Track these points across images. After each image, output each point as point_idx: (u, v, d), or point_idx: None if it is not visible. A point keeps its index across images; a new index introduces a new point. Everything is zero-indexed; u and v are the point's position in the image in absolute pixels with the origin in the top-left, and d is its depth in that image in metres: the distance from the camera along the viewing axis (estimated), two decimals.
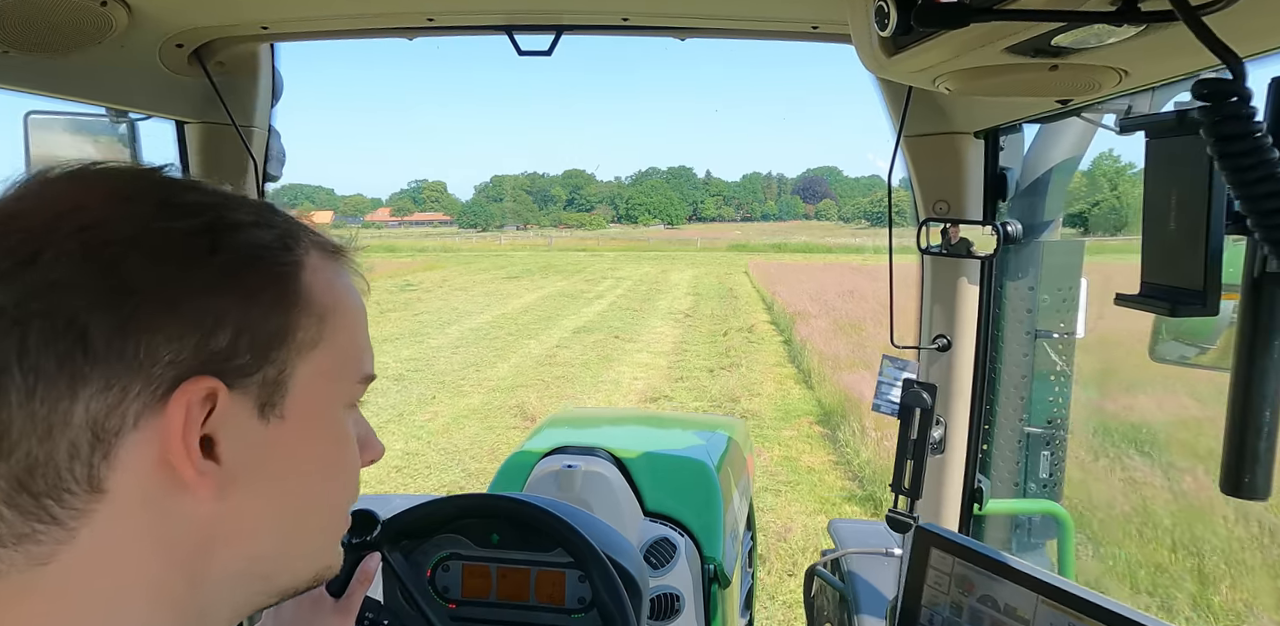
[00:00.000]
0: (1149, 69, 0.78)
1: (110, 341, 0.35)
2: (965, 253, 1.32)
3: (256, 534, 0.41)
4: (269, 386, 0.39)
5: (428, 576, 1.24)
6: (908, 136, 1.31)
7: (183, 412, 0.36)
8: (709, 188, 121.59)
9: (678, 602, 1.76)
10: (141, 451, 0.36)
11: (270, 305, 0.39)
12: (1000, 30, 0.64)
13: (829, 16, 1.07)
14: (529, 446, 2.23)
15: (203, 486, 0.37)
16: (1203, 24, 0.46)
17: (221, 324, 0.37)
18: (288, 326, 0.40)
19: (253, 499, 0.40)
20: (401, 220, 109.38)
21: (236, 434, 0.38)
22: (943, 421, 1.43)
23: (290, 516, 0.43)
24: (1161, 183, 0.55)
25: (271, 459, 0.41)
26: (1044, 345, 1.60)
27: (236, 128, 1.29)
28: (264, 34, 1.18)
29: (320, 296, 0.42)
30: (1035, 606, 0.93)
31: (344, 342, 0.44)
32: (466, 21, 1.15)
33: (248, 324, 0.38)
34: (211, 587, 0.40)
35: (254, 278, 0.39)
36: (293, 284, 0.41)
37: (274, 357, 0.39)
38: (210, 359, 0.37)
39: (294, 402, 0.41)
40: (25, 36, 0.91)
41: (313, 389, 0.42)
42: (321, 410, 0.43)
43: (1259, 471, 0.48)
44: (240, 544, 0.41)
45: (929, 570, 1.08)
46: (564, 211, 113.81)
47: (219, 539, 0.40)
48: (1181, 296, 0.54)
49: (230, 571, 0.41)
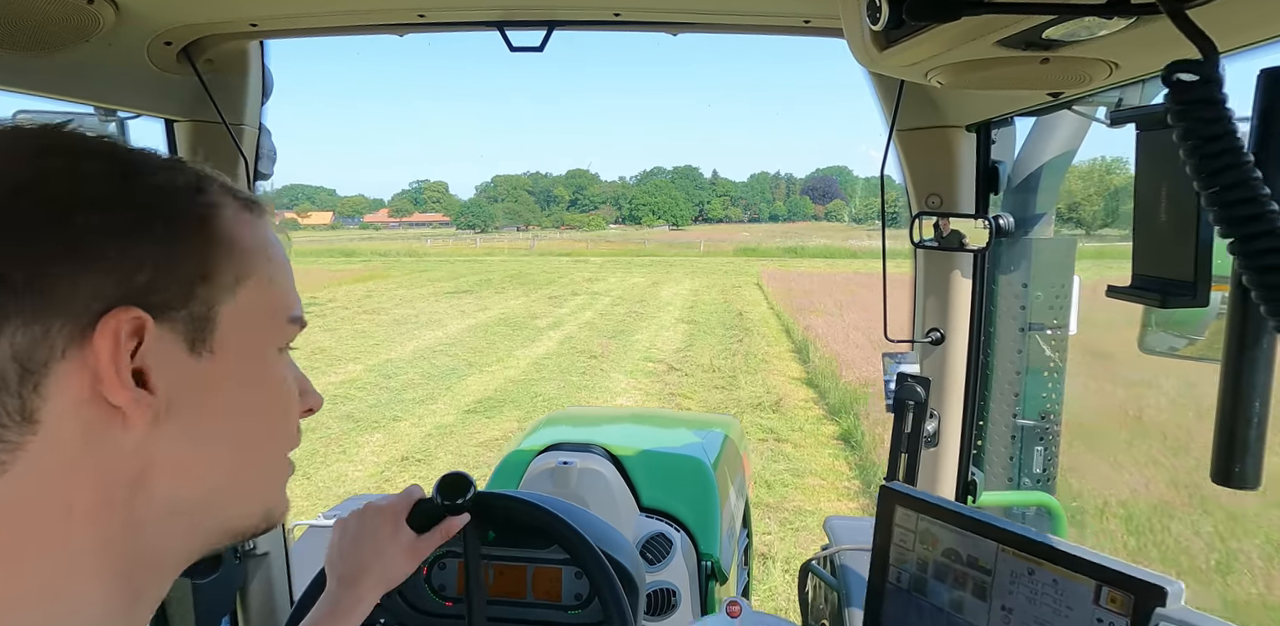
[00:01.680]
0: (1139, 61, 0.78)
1: (30, 281, 0.36)
2: (958, 246, 1.32)
3: (194, 467, 0.42)
4: (196, 322, 0.41)
5: (424, 574, 1.24)
6: (900, 130, 1.31)
7: (110, 341, 0.37)
8: (715, 188, 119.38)
9: (674, 598, 1.76)
10: (71, 381, 0.37)
11: (190, 244, 0.41)
12: (991, 23, 0.64)
13: (821, 10, 1.07)
14: (525, 443, 2.23)
15: (136, 415, 0.38)
16: (1183, 14, 0.46)
17: (142, 262, 0.39)
18: (209, 265, 0.41)
19: (188, 431, 0.41)
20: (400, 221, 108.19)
21: (167, 366, 0.40)
22: (936, 414, 1.43)
23: (227, 452, 0.44)
24: (1152, 175, 0.56)
25: (204, 393, 0.42)
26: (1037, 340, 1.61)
27: (226, 126, 1.28)
28: (253, 31, 1.17)
29: (240, 239, 0.43)
30: (996, 555, 0.95)
31: (267, 284, 0.45)
32: (457, 17, 1.15)
33: (169, 262, 0.40)
34: (151, 525, 0.41)
35: (171, 217, 0.41)
36: (210, 225, 0.42)
37: (198, 294, 0.41)
38: (134, 293, 0.38)
39: (223, 339, 0.42)
40: (12, 35, 0.90)
41: (240, 326, 0.43)
42: (252, 348, 0.44)
43: (1249, 461, 0.48)
44: (177, 478, 0.41)
45: (894, 529, 1.10)
46: (567, 212, 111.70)
47: (155, 472, 0.40)
48: (1172, 288, 0.54)
49: (168, 507, 0.41)
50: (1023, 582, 0.92)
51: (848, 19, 0.76)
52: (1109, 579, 0.83)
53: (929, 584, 1.04)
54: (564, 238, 72.01)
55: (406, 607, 1.23)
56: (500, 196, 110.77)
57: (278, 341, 0.47)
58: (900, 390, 1.27)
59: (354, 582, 0.90)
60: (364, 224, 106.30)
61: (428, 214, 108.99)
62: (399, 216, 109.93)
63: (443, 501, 1.01)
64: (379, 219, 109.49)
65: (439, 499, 1.02)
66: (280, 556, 1.61)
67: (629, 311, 17.01)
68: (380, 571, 0.92)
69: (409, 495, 1.00)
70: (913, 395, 1.25)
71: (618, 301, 19.12)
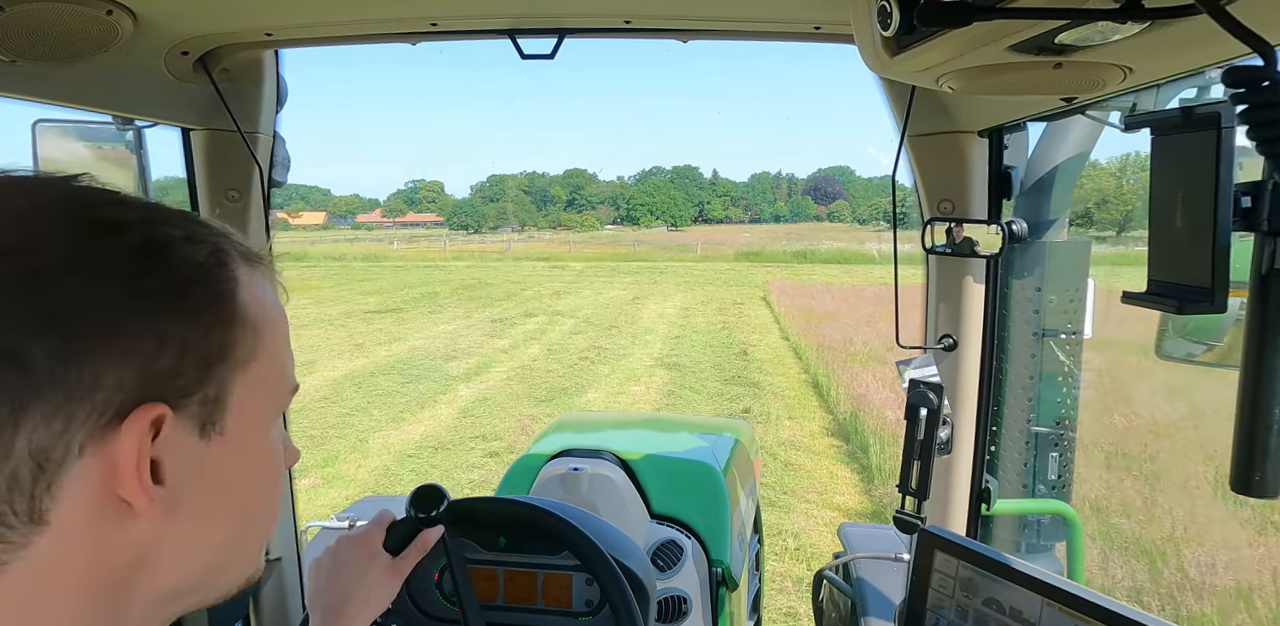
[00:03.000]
0: (1153, 66, 0.78)
1: (52, 369, 0.33)
2: (970, 252, 1.32)
3: (195, 549, 0.41)
4: (209, 404, 0.39)
5: (435, 579, 1.24)
6: (911, 136, 1.31)
7: (135, 440, 0.35)
8: (716, 188, 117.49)
9: (685, 605, 1.75)
10: (87, 480, 0.35)
11: (210, 324, 0.39)
12: (1003, 29, 0.64)
13: (831, 17, 1.07)
14: (535, 449, 2.23)
15: (147, 509, 0.37)
16: (1227, 13, 0.45)
17: (164, 345, 0.36)
18: (226, 343, 0.40)
19: (192, 516, 0.40)
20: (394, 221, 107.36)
21: (179, 455, 0.38)
22: (949, 421, 1.42)
23: (229, 528, 0.43)
24: (1168, 180, 0.55)
25: (211, 475, 0.40)
26: (1051, 345, 1.59)
27: (242, 134, 1.30)
28: (268, 41, 1.18)
29: (254, 311, 0.41)
30: (1040, 609, 0.93)
31: (274, 355, 0.44)
32: (469, 26, 1.16)
33: (190, 344, 0.38)
34: (142, 604, 0.40)
35: (194, 296, 0.38)
36: (230, 301, 0.40)
37: (215, 375, 0.39)
38: (155, 381, 0.36)
39: (232, 418, 0.41)
40: (32, 45, 0.92)
41: (248, 403, 0.41)
42: (256, 423, 0.43)
43: (1269, 469, 0.48)
44: (178, 561, 0.40)
45: (934, 573, 1.08)
46: (564, 212, 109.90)
47: (156, 559, 0.39)
48: (1189, 294, 0.53)
49: (164, 588, 0.40)
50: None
51: (858, 25, 0.76)
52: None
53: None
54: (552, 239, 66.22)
55: (417, 612, 1.23)
56: (496, 196, 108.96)
57: (277, 411, 0.46)
58: (913, 396, 1.26)
59: (339, 614, 0.89)
60: (356, 224, 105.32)
61: (423, 214, 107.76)
62: (392, 216, 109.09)
63: (416, 514, 1.01)
64: (372, 219, 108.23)
65: (413, 512, 1.02)
66: (293, 560, 1.62)
67: (590, 345, 12.18)
68: (363, 598, 0.91)
69: (380, 520, 0.99)
70: (926, 402, 1.24)
71: (581, 327, 14.25)
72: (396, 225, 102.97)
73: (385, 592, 0.93)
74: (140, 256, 0.37)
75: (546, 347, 12.17)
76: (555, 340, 12.95)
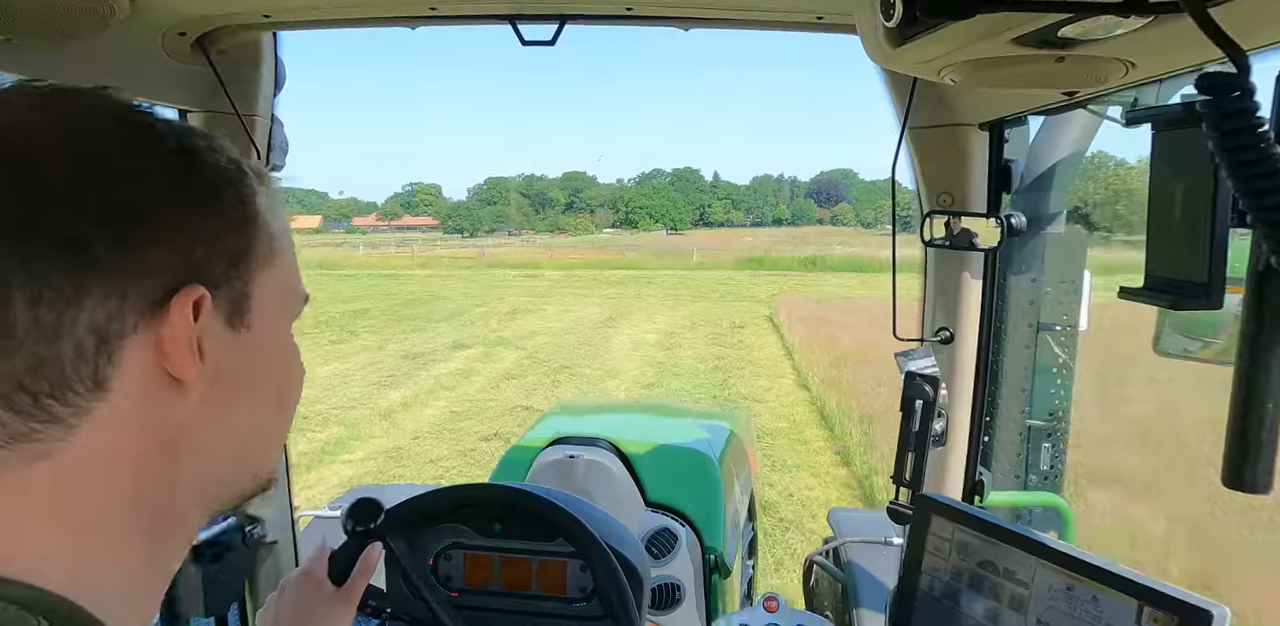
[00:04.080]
0: (1156, 61, 0.78)
1: (108, 255, 0.37)
2: (968, 245, 1.32)
3: (228, 436, 0.45)
4: (236, 298, 0.43)
5: (430, 565, 1.25)
6: (912, 128, 1.31)
7: (184, 317, 0.39)
8: (717, 191, 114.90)
9: (679, 592, 1.77)
10: (141, 353, 0.39)
11: (235, 224, 0.43)
12: (1007, 21, 0.64)
13: (834, 7, 1.07)
14: (531, 436, 2.24)
15: (193, 385, 0.41)
16: (1208, 16, 0.45)
17: (199, 239, 0.41)
18: (249, 244, 0.44)
19: (229, 400, 0.44)
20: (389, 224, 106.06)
21: (215, 340, 0.42)
22: (944, 413, 1.43)
23: (250, 424, 0.47)
24: (1167, 175, 0.55)
25: (241, 365, 0.44)
26: (1046, 338, 1.60)
27: (239, 117, 1.29)
28: (266, 22, 1.17)
29: (269, 218, 0.46)
30: (1034, 568, 0.95)
31: (287, 263, 0.48)
32: (469, 10, 1.15)
33: (219, 239, 0.42)
34: (186, 488, 0.43)
35: (224, 198, 0.43)
36: (250, 205, 0.44)
37: (240, 271, 0.43)
38: (194, 269, 0.40)
39: (256, 315, 0.45)
40: (28, 24, 0.91)
41: (268, 303, 0.45)
42: (276, 323, 0.47)
43: (1261, 465, 0.48)
44: (214, 445, 0.44)
45: (929, 536, 1.09)
46: (562, 215, 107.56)
47: (199, 437, 0.43)
48: (1186, 289, 0.54)
49: (202, 473, 0.44)
50: (1061, 598, 0.91)
51: (861, 16, 0.75)
52: (1153, 600, 0.82)
53: (962, 593, 1.04)
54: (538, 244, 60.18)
55: (414, 598, 1.24)
56: (493, 199, 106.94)
57: (293, 316, 0.50)
58: (909, 388, 1.27)
59: None
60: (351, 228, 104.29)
61: (419, 217, 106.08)
62: (387, 220, 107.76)
63: (355, 528, 1.00)
64: (368, 223, 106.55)
65: (350, 525, 1.01)
66: (289, 544, 1.63)
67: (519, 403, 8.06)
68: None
69: (318, 555, 0.99)
70: (921, 394, 1.24)
71: (523, 367, 10.18)
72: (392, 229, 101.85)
73: (340, 621, 0.93)
74: (179, 158, 0.42)
75: (451, 407, 8.05)
76: (474, 392, 8.72)
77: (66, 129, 0.39)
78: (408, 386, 9.03)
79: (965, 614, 1.03)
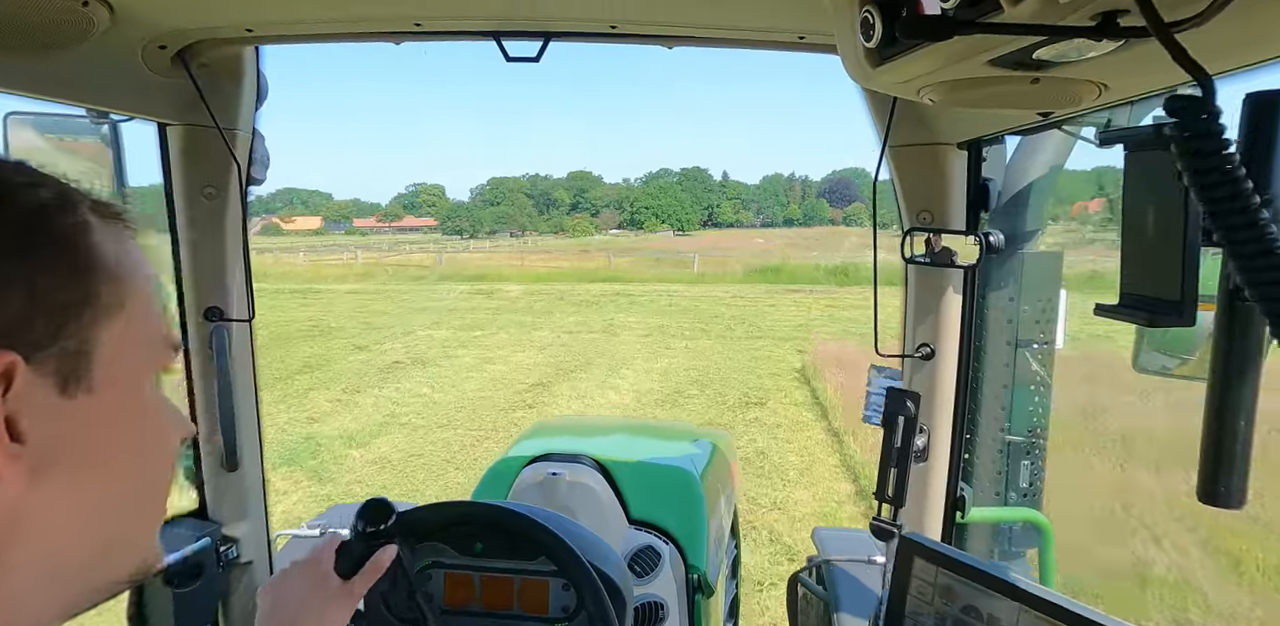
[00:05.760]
0: (1128, 83, 0.79)
1: None
2: (948, 262, 1.33)
3: (70, 522, 0.38)
4: (70, 358, 0.37)
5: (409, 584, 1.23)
6: (892, 146, 1.32)
7: None
8: (726, 190, 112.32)
9: (662, 611, 1.75)
10: None
11: (62, 270, 0.37)
12: (983, 43, 0.65)
13: (815, 27, 1.08)
14: (513, 453, 2.21)
15: (10, 470, 0.34)
16: (1175, 41, 0.46)
17: (10, 293, 0.34)
18: (83, 292, 0.37)
19: (66, 483, 0.37)
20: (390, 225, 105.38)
21: (40, 412, 0.36)
22: (926, 429, 1.43)
23: (108, 501, 0.40)
24: (1140, 195, 0.56)
25: (82, 438, 0.38)
26: (1025, 355, 1.62)
27: (220, 130, 1.28)
28: (248, 36, 1.17)
29: (112, 259, 0.39)
30: (1018, 616, 0.94)
31: (144, 307, 0.41)
32: (454, 26, 1.15)
33: (39, 291, 0.35)
34: (27, 579, 0.37)
35: (39, 240, 0.36)
36: (82, 246, 0.38)
37: (72, 327, 0.37)
38: (1, 331, 0.34)
39: (101, 374, 0.38)
40: (6, 36, 0.90)
41: (119, 358, 0.39)
42: (131, 381, 0.41)
43: (1235, 480, 0.49)
44: (52, 535, 0.37)
45: (912, 579, 1.08)
46: (567, 216, 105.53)
47: (31, 527, 0.36)
48: (1159, 307, 0.54)
49: (41, 568, 0.37)
50: None
51: (842, 36, 0.76)
52: None
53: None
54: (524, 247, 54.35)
55: (387, 614, 1.21)
56: (496, 200, 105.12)
57: (155, 368, 0.43)
58: (890, 404, 1.27)
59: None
60: (352, 229, 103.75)
61: (421, 219, 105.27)
62: (388, 221, 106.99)
63: (365, 529, 0.99)
64: (368, 224, 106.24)
65: (361, 526, 0.99)
66: (264, 565, 1.59)
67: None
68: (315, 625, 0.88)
69: (328, 545, 0.97)
70: (903, 410, 1.25)
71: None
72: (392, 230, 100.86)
73: (339, 617, 0.91)
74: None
75: None
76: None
77: None
78: None
79: None
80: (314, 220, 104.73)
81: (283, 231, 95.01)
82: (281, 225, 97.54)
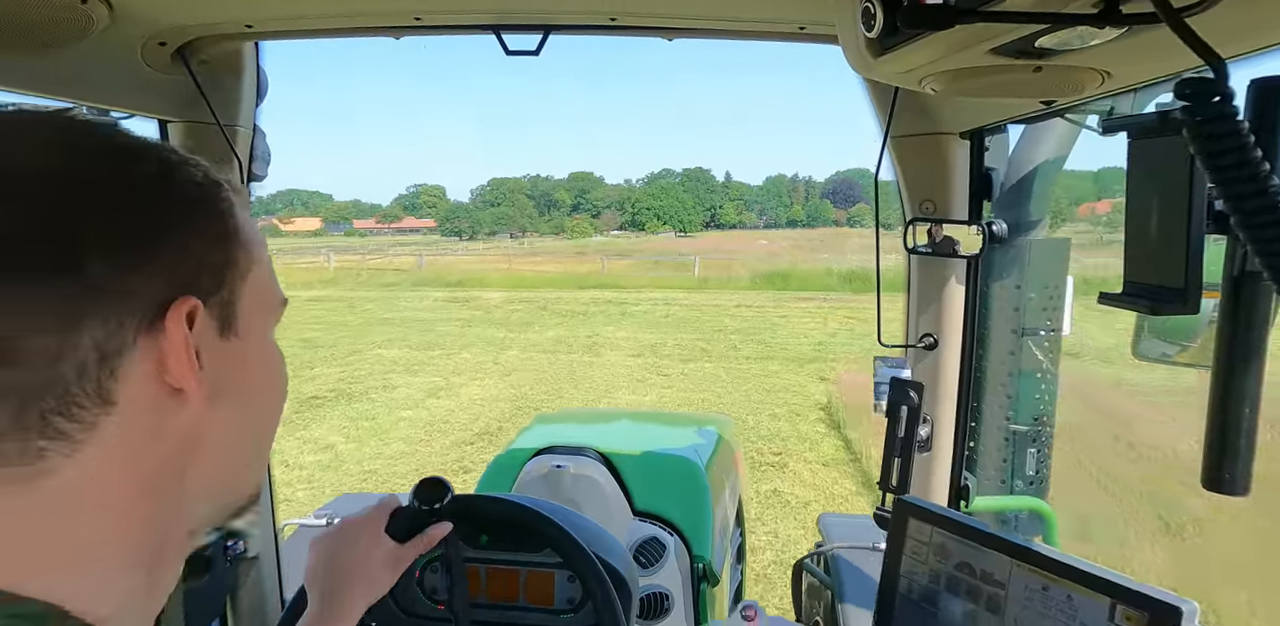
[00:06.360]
0: (1131, 70, 0.79)
1: (102, 280, 0.39)
2: (951, 252, 1.33)
3: (229, 443, 0.46)
4: (225, 308, 0.45)
5: (416, 577, 1.24)
6: (894, 137, 1.32)
7: (179, 328, 0.41)
8: (729, 191, 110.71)
9: (667, 601, 1.76)
10: (142, 366, 0.40)
11: (216, 237, 0.44)
12: (985, 31, 0.65)
13: (816, 17, 1.08)
14: (517, 445, 2.22)
15: (195, 395, 0.42)
16: (1185, 25, 0.46)
17: (187, 254, 0.42)
18: (229, 256, 0.45)
19: (228, 410, 0.45)
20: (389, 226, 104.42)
21: (210, 349, 0.43)
22: (929, 419, 1.44)
23: (252, 428, 0.49)
24: (1143, 183, 0.56)
25: (235, 372, 0.46)
26: (1030, 343, 1.62)
27: (220, 127, 1.28)
28: (248, 32, 1.17)
29: (246, 230, 0.47)
30: (1010, 570, 0.96)
31: (265, 270, 0.49)
32: (454, 21, 1.15)
33: (204, 254, 0.43)
34: (189, 501, 0.44)
35: (202, 214, 0.44)
36: (229, 218, 0.46)
37: (225, 283, 0.45)
38: (184, 282, 0.42)
39: (243, 323, 0.46)
40: (5, 34, 0.90)
41: (252, 311, 0.47)
42: (261, 330, 0.49)
43: (1239, 467, 0.49)
44: (218, 452, 0.45)
45: (907, 540, 1.10)
46: (568, 217, 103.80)
47: (203, 449, 0.44)
48: (1163, 295, 0.54)
49: (208, 480, 0.45)
50: (1036, 598, 0.92)
51: (843, 26, 0.76)
52: (1124, 597, 0.83)
53: (941, 596, 1.05)
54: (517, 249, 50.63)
55: (397, 610, 1.22)
56: (497, 200, 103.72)
57: (274, 322, 0.51)
58: (894, 394, 1.28)
59: (336, 597, 0.88)
60: (351, 230, 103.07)
61: (421, 220, 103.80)
62: (387, 222, 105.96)
63: (420, 506, 1.00)
64: (368, 225, 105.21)
65: (416, 503, 1.01)
66: (271, 558, 1.60)
67: None
68: (363, 584, 0.91)
69: (385, 505, 0.99)
70: (906, 399, 1.25)
71: None
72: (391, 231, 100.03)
73: (384, 582, 0.93)
74: (162, 178, 0.43)
75: None
76: None
77: (47, 161, 0.40)
78: None
79: (944, 616, 1.04)
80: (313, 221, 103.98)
81: (281, 233, 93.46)
82: (280, 226, 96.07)
